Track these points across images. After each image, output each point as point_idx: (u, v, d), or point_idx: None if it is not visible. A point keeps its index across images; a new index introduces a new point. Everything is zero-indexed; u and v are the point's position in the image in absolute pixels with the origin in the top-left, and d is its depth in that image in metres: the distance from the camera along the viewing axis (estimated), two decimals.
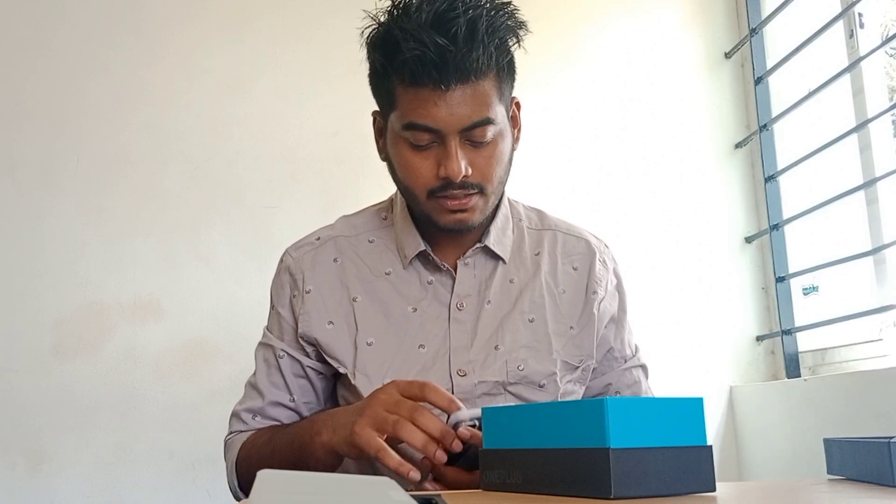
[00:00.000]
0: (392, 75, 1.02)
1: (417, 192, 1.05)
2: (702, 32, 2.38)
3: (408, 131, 1.01)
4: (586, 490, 0.67)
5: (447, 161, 1.00)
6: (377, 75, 1.06)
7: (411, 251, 1.11)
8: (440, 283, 1.11)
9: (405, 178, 1.05)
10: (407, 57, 0.97)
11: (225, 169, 2.01)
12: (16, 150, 1.90)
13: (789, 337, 2.14)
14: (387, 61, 1.01)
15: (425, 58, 0.96)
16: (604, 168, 2.25)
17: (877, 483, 0.75)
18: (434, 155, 1.02)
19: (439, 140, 1.01)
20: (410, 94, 1.00)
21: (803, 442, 1.91)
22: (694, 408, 0.71)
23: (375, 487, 0.49)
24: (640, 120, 2.29)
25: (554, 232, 1.20)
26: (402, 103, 1.01)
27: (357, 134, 2.10)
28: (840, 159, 2.01)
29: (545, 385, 1.09)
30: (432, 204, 1.05)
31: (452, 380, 1.06)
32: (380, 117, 1.10)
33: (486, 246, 1.12)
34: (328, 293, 1.12)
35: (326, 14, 2.12)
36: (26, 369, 1.82)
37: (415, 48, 0.96)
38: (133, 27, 2.01)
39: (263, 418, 1.15)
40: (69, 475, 1.80)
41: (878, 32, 1.96)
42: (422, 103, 0.99)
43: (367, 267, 1.13)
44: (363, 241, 1.15)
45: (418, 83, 0.98)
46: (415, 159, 1.03)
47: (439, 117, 0.99)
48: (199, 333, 1.92)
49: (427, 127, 1.00)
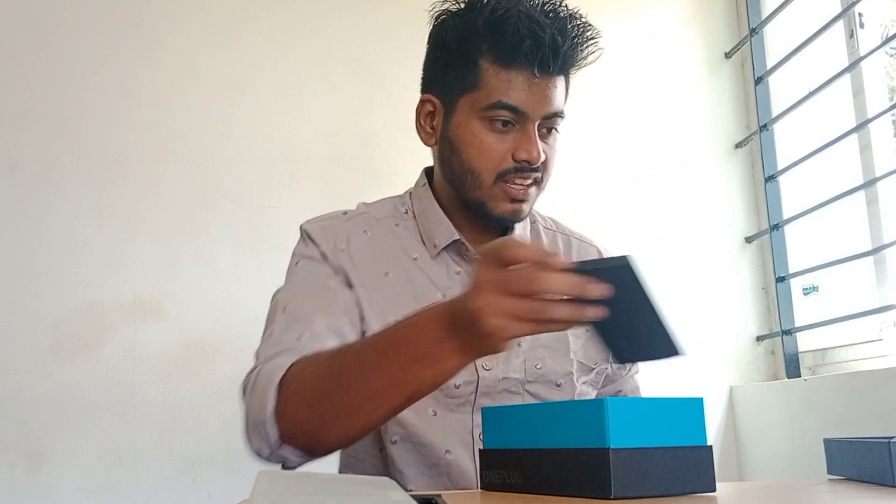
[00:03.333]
0: (482, 53, 1.03)
1: (485, 175, 1.04)
2: (702, 32, 2.38)
3: (492, 110, 1.02)
4: (586, 490, 0.67)
5: (528, 144, 1.02)
6: (453, 52, 1.06)
7: (443, 240, 1.10)
8: (468, 274, 1.09)
9: (474, 158, 1.04)
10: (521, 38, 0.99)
11: (225, 169, 2.01)
12: (15, 149, 1.90)
13: (789, 337, 2.14)
14: (485, 39, 1.02)
15: (542, 43, 1.00)
16: (604, 168, 2.24)
17: (877, 483, 0.75)
18: (511, 138, 1.03)
19: (520, 123, 1.03)
20: (503, 74, 1.01)
21: (803, 442, 1.91)
22: (694, 408, 0.71)
23: (375, 487, 0.50)
24: (640, 120, 2.29)
25: (568, 237, 1.23)
26: (491, 83, 1.02)
27: (357, 134, 2.10)
28: (840, 159, 2.01)
29: (562, 385, 1.10)
30: (496, 190, 1.04)
31: (478, 372, 1.05)
32: (437, 100, 1.09)
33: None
34: (360, 261, 1.08)
35: (326, 14, 2.11)
36: (26, 369, 1.82)
37: (535, 31, 1.00)
38: (133, 27, 2.01)
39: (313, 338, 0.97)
40: (69, 475, 1.80)
41: (878, 32, 1.96)
42: (514, 85, 1.01)
43: (399, 245, 1.11)
44: (390, 224, 1.13)
45: (517, 65, 1.01)
46: (491, 140, 1.03)
47: (529, 101, 1.02)
48: (199, 333, 1.92)
49: (515, 108, 1.01)
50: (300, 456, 0.93)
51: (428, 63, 1.12)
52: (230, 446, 1.85)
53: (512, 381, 1.07)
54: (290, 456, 0.93)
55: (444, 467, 1.03)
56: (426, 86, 1.12)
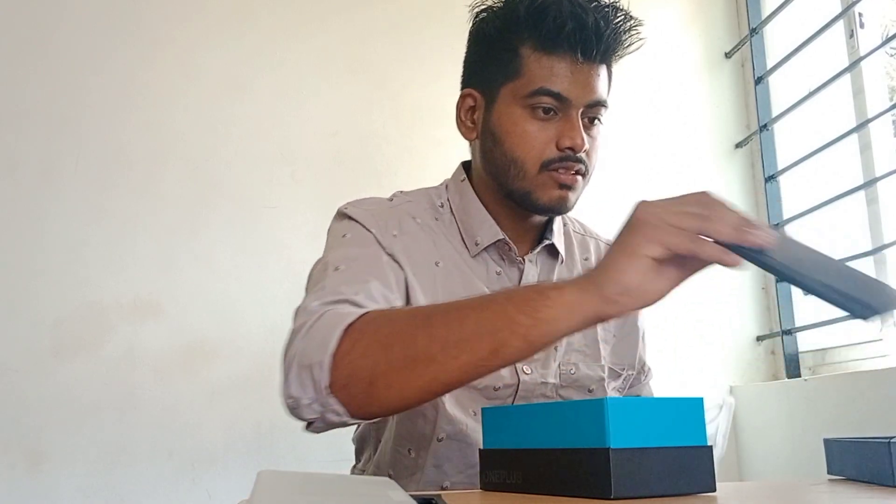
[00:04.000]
0: (524, 41, 1.02)
1: (529, 164, 1.02)
2: (702, 32, 2.38)
3: (534, 97, 1.01)
4: (586, 490, 0.67)
5: (572, 132, 1.00)
6: (494, 43, 1.05)
7: (486, 239, 1.07)
8: (507, 275, 1.09)
9: (517, 147, 1.02)
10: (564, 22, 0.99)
11: (225, 169, 2.01)
12: (15, 149, 1.90)
13: (789, 337, 2.14)
14: (526, 25, 1.01)
15: (585, 26, 0.99)
16: (604, 168, 2.24)
17: (877, 483, 0.75)
18: (555, 126, 1.01)
19: (563, 111, 1.01)
20: (545, 61, 1.00)
21: (803, 442, 1.91)
22: (694, 408, 0.71)
23: (375, 487, 0.50)
24: (641, 120, 2.29)
25: (597, 241, 1.22)
26: (533, 70, 1.01)
27: (357, 134, 2.10)
28: (840, 159, 2.01)
29: (594, 390, 1.09)
30: (541, 178, 1.02)
31: (518, 375, 1.05)
32: (478, 93, 1.08)
33: (552, 243, 1.12)
34: (413, 248, 1.04)
35: (326, 13, 2.11)
36: (26, 369, 1.82)
37: (579, 15, 0.99)
38: (132, 27, 2.01)
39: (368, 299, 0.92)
40: (69, 475, 1.80)
41: (878, 32, 1.96)
42: (557, 72, 1.00)
43: (445, 237, 1.09)
44: (431, 217, 1.10)
45: (559, 51, 1.00)
46: (533, 128, 1.02)
47: (572, 88, 1.00)
48: (199, 333, 1.92)
49: (558, 94, 1.00)
50: (343, 413, 0.82)
51: (468, 58, 1.11)
52: (230, 446, 1.85)
53: (549, 386, 1.07)
54: (334, 408, 0.82)
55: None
56: (466, 80, 1.11)
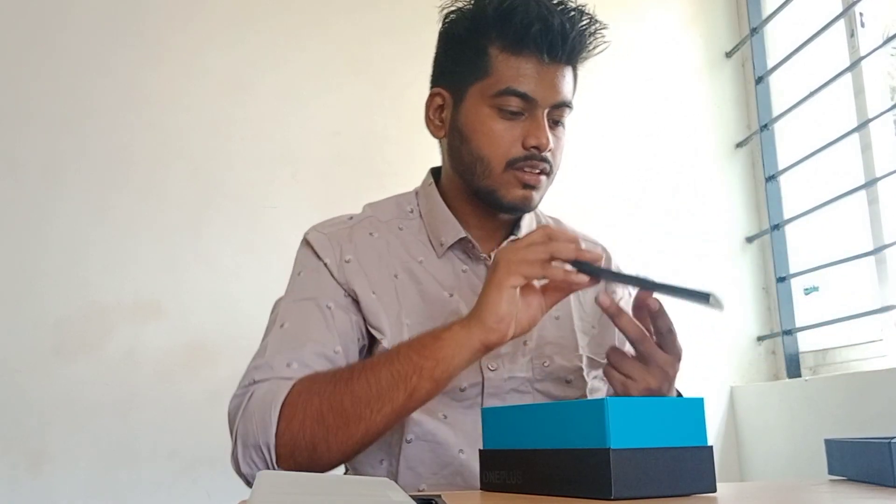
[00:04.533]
0: (492, 42, 1.03)
1: (495, 162, 1.04)
2: (702, 32, 2.38)
3: (501, 97, 1.03)
4: (586, 490, 0.67)
5: (538, 131, 1.03)
6: (463, 43, 1.07)
7: (449, 238, 1.10)
8: (474, 272, 1.11)
9: (485, 146, 1.05)
10: (530, 23, 1.00)
11: (226, 169, 2.01)
12: (18, 150, 1.90)
13: (790, 337, 2.14)
14: (494, 26, 1.03)
15: (550, 29, 1.01)
16: (604, 168, 2.24)
17: (877, 483, 0.75)
18: (521, 126, 1.04)
19: (529, 111, 1.03)
20: (512, 61, 1.02)
21: (804, 442, 1.91)
22: (694, 408, 0.71)
23: (375, 487, 0.50)
24: (641, 120, 2.29)
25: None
26: (500, 70, 1.03)
27: (358, 134, 2.10)
28: (841, 159, 2.01)
29: (572, 381, 1.10)
30: (506, 177, 1.05)
31: (483, 373, 1.05)
32: (447, 92, 1.10)
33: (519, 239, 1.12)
34: (369, 265, 1.08)
35: (328, 15, 2.11)
36: (28, 369, 1.82)
37: (545, 16, 1.01)
38: (135, 28, 2.01)
39: (302, 367, 0.98)
40: (70, 475, 1.80)
41: (878, 32, 1.96)
42: (523, 72, 1.02)
43: (404, 248, 1.11)
44: (394, 227, 1.14)
45: (526, 52, 1.02)
46: (500, 127, 1.04)
47: (538, 88, 1.02)
48: (200, 333, 1.92)
49: (524, 94, 1.02)
50: None
51: (437, 58, 1.13)
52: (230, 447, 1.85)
53: (519, 381, 1.07)
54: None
55: (458, 467, 1.03)
56: (435, 80, 1.13)
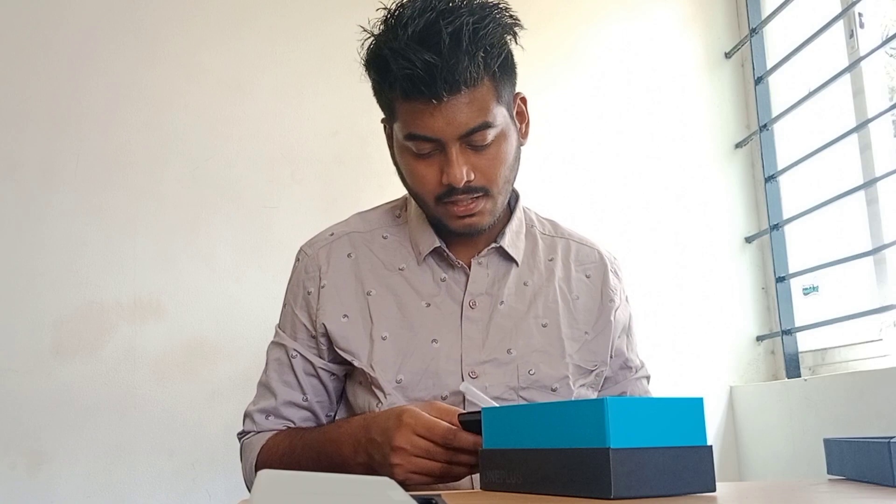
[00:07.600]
0: (393, 89, 1.03)
1: (426, 198, 1.07)
2: (702, 32, 2.38)
3: (409, 141, 1.04)
4: (586, 490, 0.67)
5: (448, 168, 1.02)
6: (376, 89, 1.08)
7: (426, 247, 1.13)
8: (454, 280, 1.13)
9: (413, 183, 1.08)
10: (397, 75, 0.99)
11: (225, 169, 2.01)
12: (16, 150, 1.90)
13: (789, 337, 2.14)
14: (380, 78, 1.04)
15: (414, 75, 0.97)
16: (604, 168, 2.24)
17: (877, 483, 0.75)
18: (437, 162, 1.04)
19: (440, 148, 1.03)
20: (407, 106, 1.02)
21: (803, 442, 1.91)
22: (694, 408, 0.71)
23: (375, 487, 0.49)
24: (641, 120, 2.29)
25: (567, 241, 1.23)
26: (402, 115, 1.04)
27: (357, 134, 2.10)
28: (840, 159, 2.01)
29: (557, 389, 1.10)
30: (441, 209, 1.07)
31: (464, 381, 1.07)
32: (387, 125, 1.12)
33: (500, 246, 1.14)
34: (343, 287, 1.13)
35: (326, 13, 2.12)
36: (26, 369, 1.82)
37: (404, 66, 0.98)
38: (133, 27, 2.01)
39: (277, 418, 1.15)
40: (69, 475, 1.80)
41: (878, 32, 1.96)
42: (418, 115, 1.01)
43: (381, 262, 1.15)
44: (377, 237, 1.17)
45: (412, 97, 1.00)
46: (419, 167, 1.05)
47: (437, 127, 1.01)
48: (199, 333, 1.92)
49: (426, 137, 1.02)
50: None
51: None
52: (230, 446, 1.85)
53: (502, 388, 1.08)
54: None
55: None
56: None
